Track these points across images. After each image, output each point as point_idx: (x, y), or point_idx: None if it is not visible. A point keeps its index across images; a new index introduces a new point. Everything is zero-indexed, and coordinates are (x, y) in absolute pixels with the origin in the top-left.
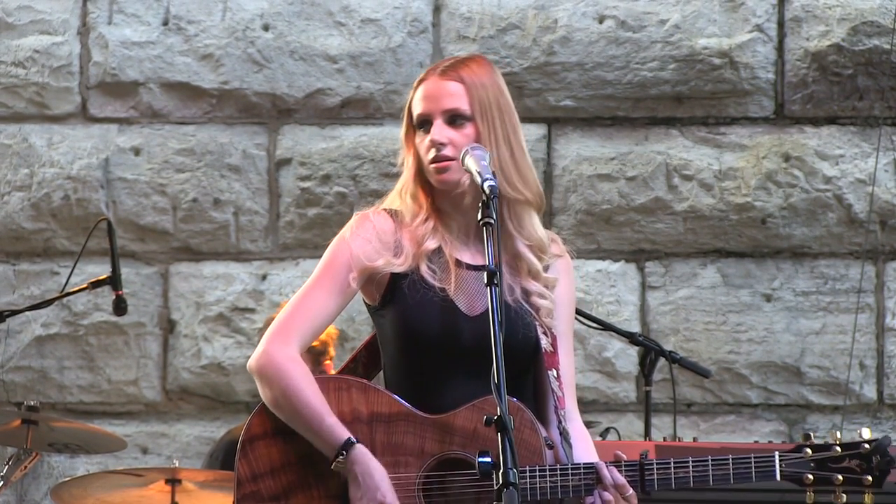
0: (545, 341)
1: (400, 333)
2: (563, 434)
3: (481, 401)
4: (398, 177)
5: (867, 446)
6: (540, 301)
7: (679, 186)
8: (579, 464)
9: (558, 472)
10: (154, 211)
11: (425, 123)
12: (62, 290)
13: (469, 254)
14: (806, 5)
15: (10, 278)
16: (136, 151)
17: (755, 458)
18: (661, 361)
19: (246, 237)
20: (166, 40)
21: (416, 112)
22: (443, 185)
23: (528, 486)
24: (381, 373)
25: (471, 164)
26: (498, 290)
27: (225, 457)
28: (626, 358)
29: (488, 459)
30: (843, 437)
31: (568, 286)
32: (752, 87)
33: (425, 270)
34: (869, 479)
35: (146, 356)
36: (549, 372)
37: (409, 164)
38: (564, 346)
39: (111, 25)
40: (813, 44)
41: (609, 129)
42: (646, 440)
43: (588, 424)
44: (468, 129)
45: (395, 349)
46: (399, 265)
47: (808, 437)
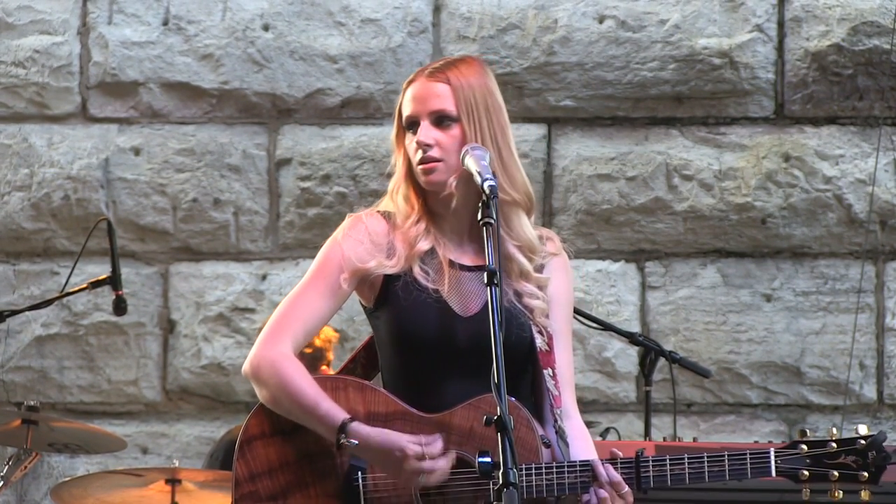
0: (540, 340)
1: (394, 335)
2: (560, 433)
3: (477, 399)
4: None
5: (863, 442)
6: (532, 301)
7: (679, 186)
8: (575, 461)
9: (554, 470)
10: (154, 211)
11: (413, 125)
12: (62, 290)
13: (462, 254)
14: (806, 5)
15: (10, 278)
16: (136, 151)
17: (751, 454)
18: (661, 361)
19: (246, 237)
20: (166, 40)
21: (404, 113)
22: (430, 186)
23: (525, 485)
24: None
25: (471, 164)
26: (498, 289)
27: (225, 456)
28: (626, 358)
29: (488, 459)
30: (838, 434)
31: (565, 284)
32: (752, 87)
33: (418, 272)
34: (865, 474)
35: (146, 356)
36: (545, 371)
37: (399, 165)
38: (562, 343)
39: (111, 25)
40: (813, 44)
41: (609, 129)
42: (646, 440)
43: (588, 424)
44: (455, 130)
45: (390, 350)
46: (391, 267)
47: (803, 433)
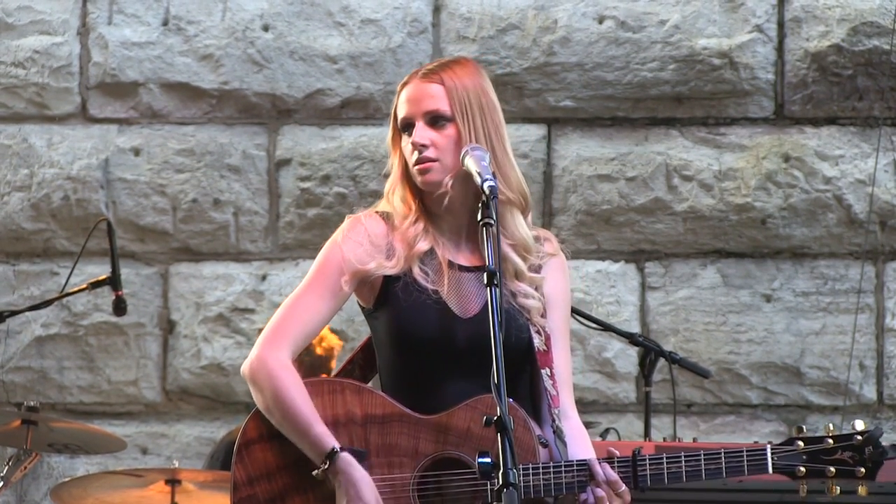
0: (538, 341)
1: (393, 336)
2: (557, 432)
3: (475, 400)
4: None
5: (859, 438)
6: (527, 301)
7: (679, 187)
8: (572, 461)
9: (551, 469)
10: (154, 211)
11: (409, 126)
12: (62, 291)
13: (461, 255)
14: (806, 6)
15: (10, 278)
16: (136, 152)
17: (747, 451)
18: (661, 362)
19: (246, 237)
20: (166, 41)
21: (399, 115)
22: (426, 186)
23: (522, 485)
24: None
25: (471, 164)
26: (498, 290)
27: (225, 457)
28: (626, 358)
29: (488, 460)
30: (836, 430)
31: (562, 284)
32: (751, 87)
33: (418, 273)
34: (862, 470)
35: (146, 356)
36: (543, 371)
37: (395, 166)
38: (560, 343)
39: (111, 26)
40: (813, 44)
41: (609, 129)
42: (646, 440)
43: (588, 425)
44: (449, 130)
45: (389, 351)
46: (391, 268)
47: (800, 429)
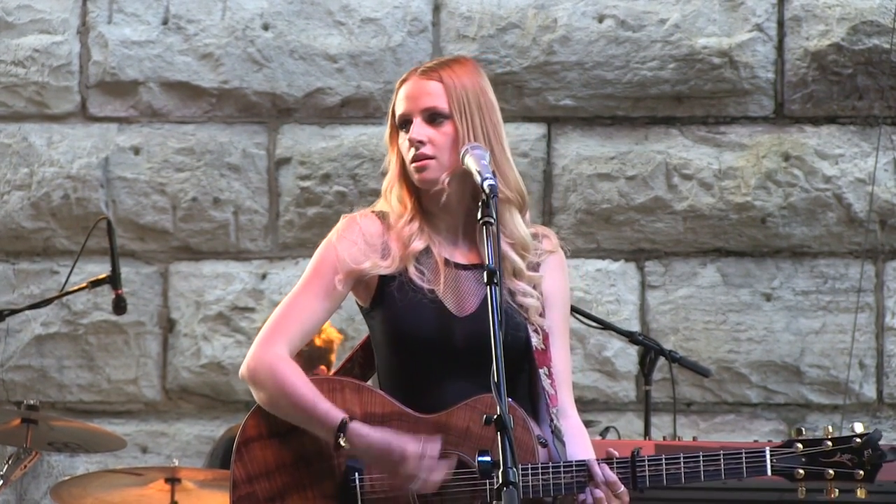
0: (536, 340)
1: (390, 335)
2: (556, 432)
3: (474, 400)
4: None
5: (858, 440)
6: (526, 300)
7: (679, 186)
8: (571, 461)
9: (550, 469)
10: (154, 210)
11: (406, 123)
12: (62, 290)
13: (458, 253)
14: (806, 5)
15: (10, 277)
16: (136, 151)
17: (746, 453)
18: (661, 361)
19: (245, 236)
20: (166, 39)
21: (397, 112)
22: (423, 183)
23: (521, 485)
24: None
25: (471, 163)
26: (498, 289)
27: (225, 454)
28: (626, 357)
29: (488, 458)
30: (834, 432)
31: (561, 282)
32: (751, 86)
33: (413, 272)
34: (861, 473)
35: (146, 355)
36: (541, 370)
37: (392, 164)
38: (558, 342)
39: (111, 25)
40: (813, 43)
41: (609, 128)
42: (645, 439)
43: (588, 424)
44: (447, 128)
45: (386, 350)
46: (386, 267)
47: (799, 431)
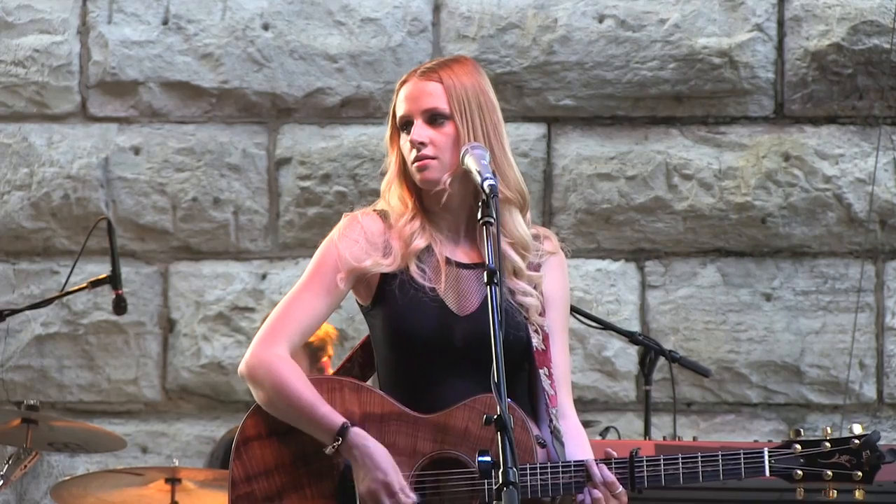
0: (536, 340)
1: (390, 334)
2: (555, 432)
3: (472, 400)
4: None
5: (857, 442)
6: (525, 299)
7: (679, 186)
8: (569, 462)
9: (549, 470)
10: (154, 210)
11: (407, 124)
12: (62, 290)
13: (459, 252)
14: (806, 5)
15: (10, 277)
16: (136, 151)
17: (744, 454)
18: (661, 361)
19: (246, 236)
20: (166, 39)
21: (398, 113)
22: (425, 184)
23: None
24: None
25: (471, 163)
26: (498, 289)
27: (225, 455)
28: (626, 357)
29: (488, 458)
30: (833, 433)
31: (561, 283)
32: (751, 86)
33: (415, 270)
34: (859, 474)
35: (146, 355)
36: (541, 370)
37: (393, 164)
38: (558, 342)
39: (111, 25)
40: (813, 43)
41: (609, 128)
42: (645, 439)
43: (588, 423)
44: (448, 128)
45: (386, 349)
46: (388, 266)
47: (797, 432)
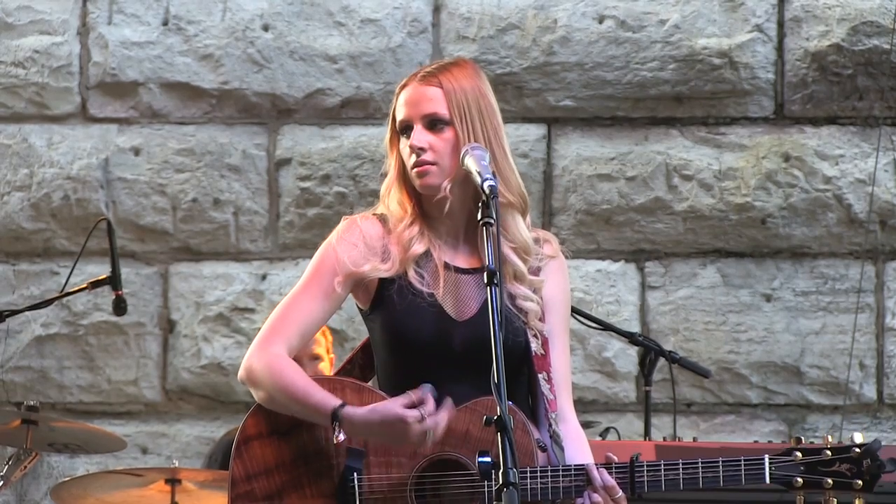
0: (535, 344)
1: (389, 338)
2: (554, 437)
3: (474, 402)
4: None
5: (857, 450)
6: (526, 304)
7: (679, 186)
8: (570, 465)
9: (549, 473)
10: (154, 211)
11: (407, 129)
12: (62, 290)
13: (458, 257)
14: (806, 5)
15: (10, 278)
16: (136, 151)
17: (745, 461)
18: (661, 361)
19: (246, 237)
20: (166, 40)
21: (398, 118)
22: (425, 189)
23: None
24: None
25: (471, 163)
26: (498, 289)
27: (223, 457)
28: (626, 358)
29: (488, 459)
30: (836, 439)
31: (562, 286)
32: (751, 87)
33: (413, 275)
34: (859, 482)
35: (146, 356)
36: (540, 375)
37: (392, 168)
38: (559, 346)
39: (111, 25)
40: (813, 44)
41: (609, 129)
42: (646, 440)
43: (588, 424)
44: (447, 133)
45: (385, 354)
46: (386, 270)
47: (798, 440)
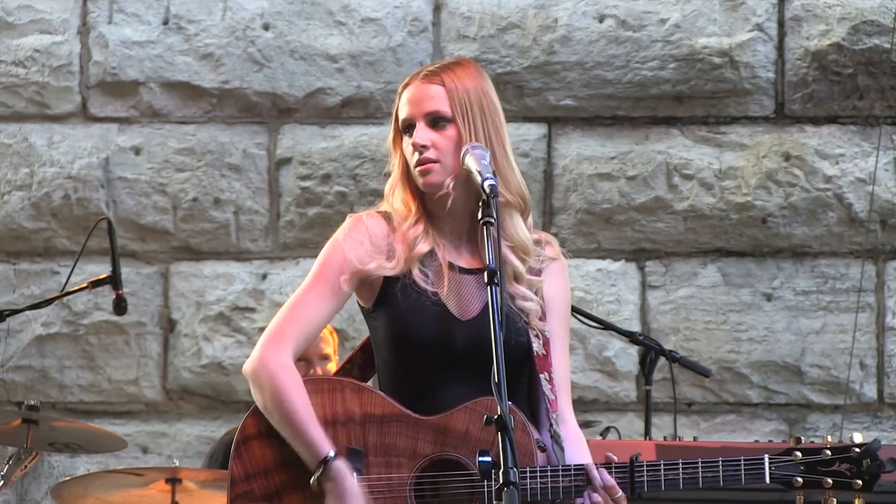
0: (537, 345)
1: (392, 337)
2: (555, 437)
3: (474, 402)
4: None
5: (857, 450)
6: (525, 304)
7: (679, 186)
8: (569, 465)
9: (549, 473)
10: (154, 210)
11: (410, 127)
12: (62, 290)
13: (461, 257)
14: (806, 4)
15: (11, 278)
16: (137, 151)
17: (745, 461)
18: (662, 361)
19: (246, 237)
20: (166, 40)
21: (400, 116)
22: (428, 187)
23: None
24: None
25: (471, 163)
26: (499, 289)
27: (224, 456)
28: (627, 357)
29: (489, 459)
30: (836, 439)
31: (563, 288)
32: (752, 86)
33: (417, 274)
34: (859, 482)
35: (146, 356)
36: (541, 375)
37: (396, 167)
38: (559, 347)
39: (111, 25)
40: (813, 43)
41: (609, 128)
42: (646, 439)
43: (588, 424)
44: (450, 131)
45: (387, 352)
46: (391, 269)
47: (798, 440)
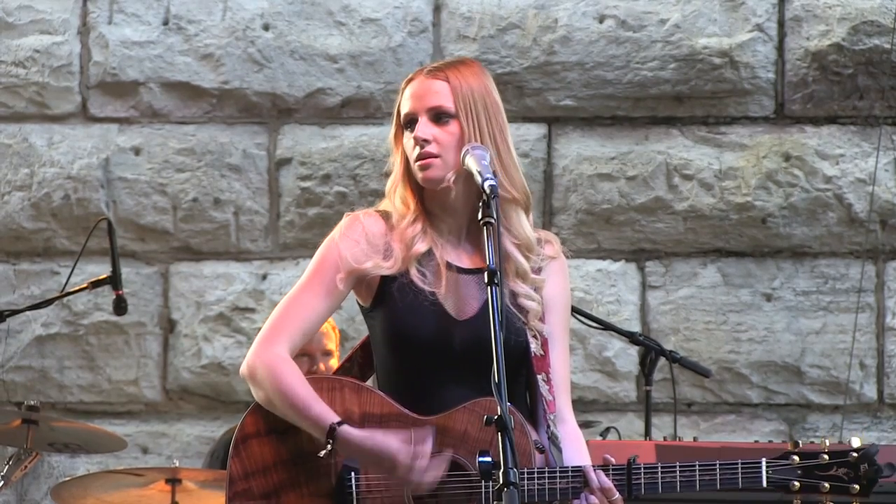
0: (535, 345)
1: (389, 337)
2: (553, 438)
3: (472, 403)
4: None
5: (855, 455)
6: (527, 303)
7: (679, 186)
8: (567, 467)
9: (546, 474)
10: (154, 211)
11: (412, 122)
12: (62, 290)
13: (460, 256)
14: (806, 5)
15: (11, 278)
16: (137, 151)
17: (742, 464)
18: (662, 361)
19: (246, 237)
20: (166, 40)
21: (403, 111)
22: (427, 182)
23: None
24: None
25: (471, 163)
26: (498, 289)
27: (225, 455)
28: (627, 357)
29: (489, 459)
30: (836, 439)
31: (563, 287)
32: (752, 86)
33: (415, 274)
34: (856, 487)
35: (146, 356)
36: (539, 376)
37: (397, 164)
38: (558, 348)
39: (111, 25)
40: (813, 43)
41: (609, 128)
42: (646, 440)
43: (588, 424)
44: (452, 127)
45: (385, 351)
46: (388, 268)
47: (796, 444)
